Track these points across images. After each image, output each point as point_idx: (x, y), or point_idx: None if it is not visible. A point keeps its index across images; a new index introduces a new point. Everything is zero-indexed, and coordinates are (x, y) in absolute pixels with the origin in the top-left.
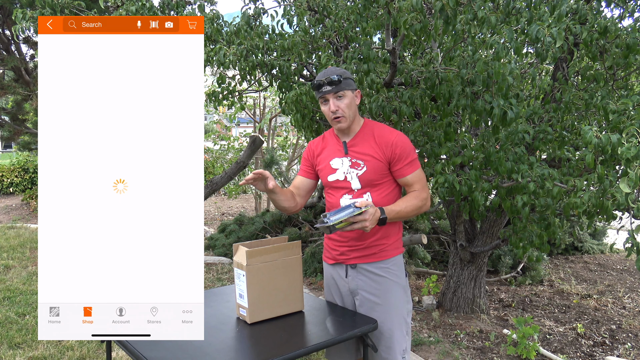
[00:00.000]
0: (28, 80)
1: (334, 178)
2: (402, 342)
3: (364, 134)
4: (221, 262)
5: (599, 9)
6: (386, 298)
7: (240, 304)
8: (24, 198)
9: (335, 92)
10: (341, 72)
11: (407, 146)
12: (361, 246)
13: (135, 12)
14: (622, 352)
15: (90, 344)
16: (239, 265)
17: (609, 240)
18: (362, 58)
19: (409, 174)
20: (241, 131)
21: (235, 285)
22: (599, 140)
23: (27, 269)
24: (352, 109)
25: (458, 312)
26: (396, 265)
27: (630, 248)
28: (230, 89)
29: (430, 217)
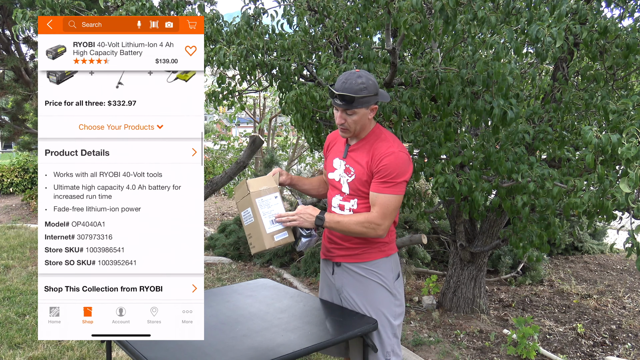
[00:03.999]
0: (28, 80)
1: (331, 177)
2: (387, 344)
3: (365, 142)
4: (221, 262)
5: (599, 9)
6: (368, 298)
7: (276, 229)
8: (24, 198)
9: (345, 109)
10: (358, 90)
11: (394, 167)
12: (344, 245)
13: (135, 12)
14: (622, 352)
15: (90, 344)
16: (265, 191)
17: (609, 240)
18: (362, 58)
19: (375, 191)
20: (241, 131)
21: (259, 214)
22: (599, 140)
23: (27, 269)
24: (359, 124)
25: (458, 312)
26: (379, 268)
27: (630, 248)
28: (230, 89)
29: (430, 217)
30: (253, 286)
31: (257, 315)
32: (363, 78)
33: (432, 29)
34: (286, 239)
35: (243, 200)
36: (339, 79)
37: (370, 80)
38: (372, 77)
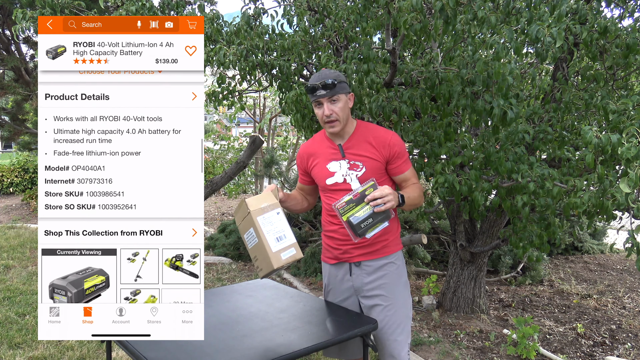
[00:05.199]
0: (28, 80)
1: (332, 181)
2: (408, 337)
3: (358, 136)
4: (221, 262)
5: (599, 9)
6: (393, 293)
7: (282, 246)
8: (24, 198)
9: (329, 96)
10: (335, 76)
11: (402, 145)
12: (365, 243)
13: (135, 12)
14: (622, 352)
15: (90, 344)
16: (267, 208)
17: (609, 240)
18: (362, 58)
19: (407, 170)
20: (241, 131)
21: (263, 233)
22: (599, 140)
23: (27, 269)
24: (345, 112)
25: (458, 312)
26: (399, 260)
27: (630, 248)
28: (230, 89)
29: (430, 217)
30: (253, 286)
31: (257, 315)
32: (331, 69)
33: (432, 29)
34: (294, 256)
35: (244, 222)
36: (313, 77)
37: (338, 71)
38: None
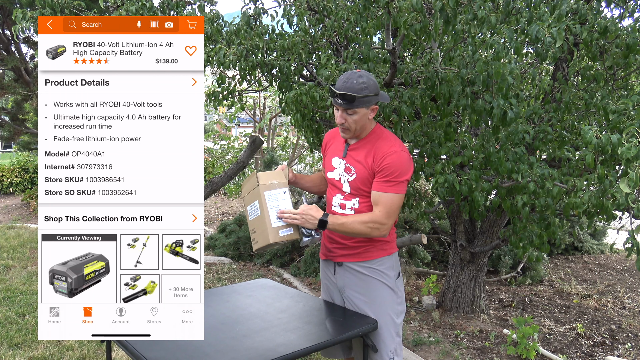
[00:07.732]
0: (28, 80)
1: (331, 176)
2: (390, 343)
3: (366, 142)
4: (221, 262)
5: (599, 9)
6: (372, 297)
7: (282, 224)
8: (24, 198)
9: (346, 108)
10: (359, 89)
11: (396, 166)
12: (346, 245)
13: (135, 12)
14: (622, 352)
15: (90, 344)
16: (275, 185)
17: (609, 240)
18: (362, 58)
19: (378, 190)
20: (241, 131)
21: (267, 207)
22: (599, 140)
23: (27, 269)
24: (360, 124)
25: (458, 312)
26: (382, 266)
27: (630, 248)
28: (230, 89)
29: (430, 217)
30: (253, 286)
31: (257, 315)
32: (364, 78)
33: (432, 29)
34: (291, 235)
35: (251, 194)
36: (340, 79)
37: (371, 80)
38: (373, 78)
